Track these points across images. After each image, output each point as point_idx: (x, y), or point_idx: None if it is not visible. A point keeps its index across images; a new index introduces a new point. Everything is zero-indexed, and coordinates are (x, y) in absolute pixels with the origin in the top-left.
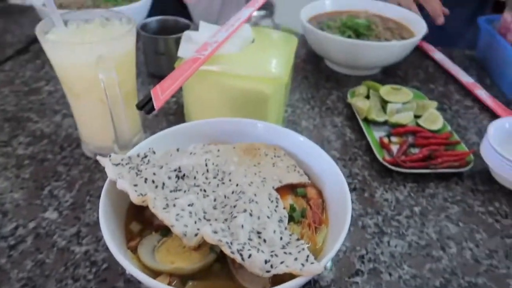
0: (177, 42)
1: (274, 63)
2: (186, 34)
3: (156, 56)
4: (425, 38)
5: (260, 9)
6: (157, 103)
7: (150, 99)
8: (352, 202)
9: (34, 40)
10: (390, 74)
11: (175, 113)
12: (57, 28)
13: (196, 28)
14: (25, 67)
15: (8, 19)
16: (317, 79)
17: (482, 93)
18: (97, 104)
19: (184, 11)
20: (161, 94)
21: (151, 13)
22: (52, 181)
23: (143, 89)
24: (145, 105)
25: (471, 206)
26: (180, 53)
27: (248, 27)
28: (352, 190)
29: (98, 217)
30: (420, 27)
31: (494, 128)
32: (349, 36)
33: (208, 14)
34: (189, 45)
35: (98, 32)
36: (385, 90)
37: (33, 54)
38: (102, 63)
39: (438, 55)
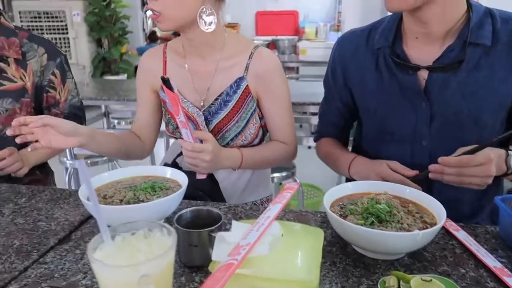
0: (210, 235)
1: (304, 263)
2: (220, 235)
3: (189, 248)
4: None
5: (282, 170)
6: None
7: None
8: None
9: (76, 228)
10: (418, 257)
11: None
12: (105, 243)
13: (227, 208)
14: (65, 257)
15: (54, 205)
16: (345, 265)
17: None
18: None
19: (215, 187)
20: None
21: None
22: None
23: (175, 282)
24: None
25: None
26: (214, 256)
27: (277, 224)
28: None
29: None
30: (439, 211)
31: None
32: (372, 223)
33: (236, 187)
34: (223, 246)
35: (142, 245)
36: (416, 283)
37: (73, 243)
38: (144, 281)
39: (462, 235)
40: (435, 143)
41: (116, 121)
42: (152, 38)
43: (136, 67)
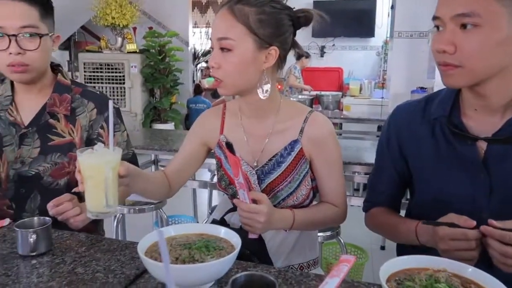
0: None
1: None
2: None
3: None
4: None
5: (326, 229)
6: None
7: None
8: None
9: (131, 282)
10: None
11: None
12: None
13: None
14: None
15: (111, 256)
16: None
17: None
18: None
19: (262, 246)
20: None
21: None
22: None
23: None
24: None
25: None
26: None
27: None
28: None
29: None
30: None
31: None
32: None
33: (283, 248)
34: None
35: None
36: None
37: None
38: None
39: None
40: (496, 216)
41: (162, 168)
42: (197, 91)
43: (185, 116)
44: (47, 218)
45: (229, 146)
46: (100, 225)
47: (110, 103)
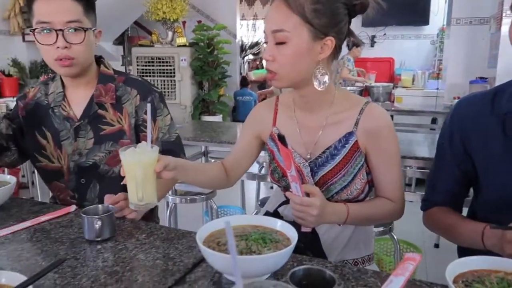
0: None
1: None
2: None
3: None
4: None
5: (378, 225)
6: None
7: None
8: None
9: (190, 270)
10: None
11: None
12: None
13: None
14: None
15: (170, 245)
16: None
17: None
18: None
19: (316, 240)
20: None
21: None
22: None
23: None
24: None
25: None
26: None
27: None
28: None
29: None
30: None
31: None
32: None
33: (337, 242)
34: None
35: None
36: None
37: (188, 286)
38: None
39: None
40: None
41: (213, 160)
42: (243, 83)
43: (233, 108)
44: (111, 205)
45: (281, 138)
46: (155, 213)
47: (149, 106)
